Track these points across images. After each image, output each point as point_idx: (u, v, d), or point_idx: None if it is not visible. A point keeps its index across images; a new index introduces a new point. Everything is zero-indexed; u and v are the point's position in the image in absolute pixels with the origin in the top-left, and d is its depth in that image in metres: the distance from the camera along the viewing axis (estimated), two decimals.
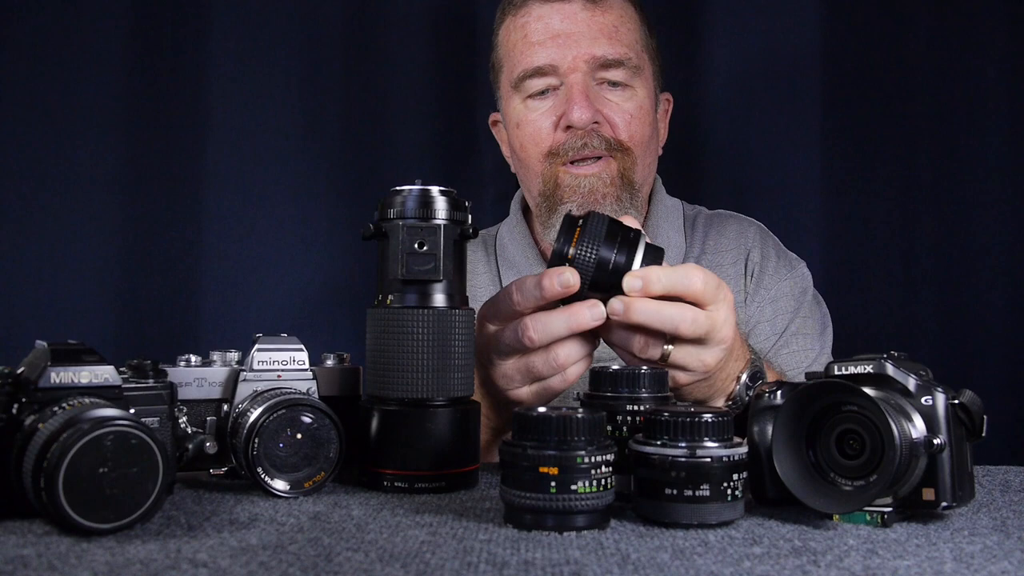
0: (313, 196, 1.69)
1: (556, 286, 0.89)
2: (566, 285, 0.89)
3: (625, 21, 1.34)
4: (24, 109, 1.60)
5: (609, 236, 0.90)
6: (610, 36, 1.31)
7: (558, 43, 1.31)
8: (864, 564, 0.63)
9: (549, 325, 0.91)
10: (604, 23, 1.32)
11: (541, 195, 1.34)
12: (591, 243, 0.89)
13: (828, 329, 1.41)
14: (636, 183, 1.33)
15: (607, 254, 0.89)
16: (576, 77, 1.30)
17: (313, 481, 0.82)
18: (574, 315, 0.90)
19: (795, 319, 1.37)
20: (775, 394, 0.80)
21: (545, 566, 0.61)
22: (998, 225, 1.72)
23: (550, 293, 0.90)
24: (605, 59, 1.31)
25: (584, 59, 1.30)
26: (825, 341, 1.39)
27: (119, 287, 1.62)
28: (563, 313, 0.91)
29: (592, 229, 0.90)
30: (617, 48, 1.31)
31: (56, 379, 0.71)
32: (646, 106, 1.35)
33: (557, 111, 1.31)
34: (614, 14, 1.33)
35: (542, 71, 1.32)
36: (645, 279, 0.89)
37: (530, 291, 0.91)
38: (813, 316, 1.39)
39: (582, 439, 0.69)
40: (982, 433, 0.76)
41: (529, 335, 0.91)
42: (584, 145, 1.29)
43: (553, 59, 1.31)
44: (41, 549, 0.63)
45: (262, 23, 1.68)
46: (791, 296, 1.39)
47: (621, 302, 0.89)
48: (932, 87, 1.73)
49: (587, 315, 0.90)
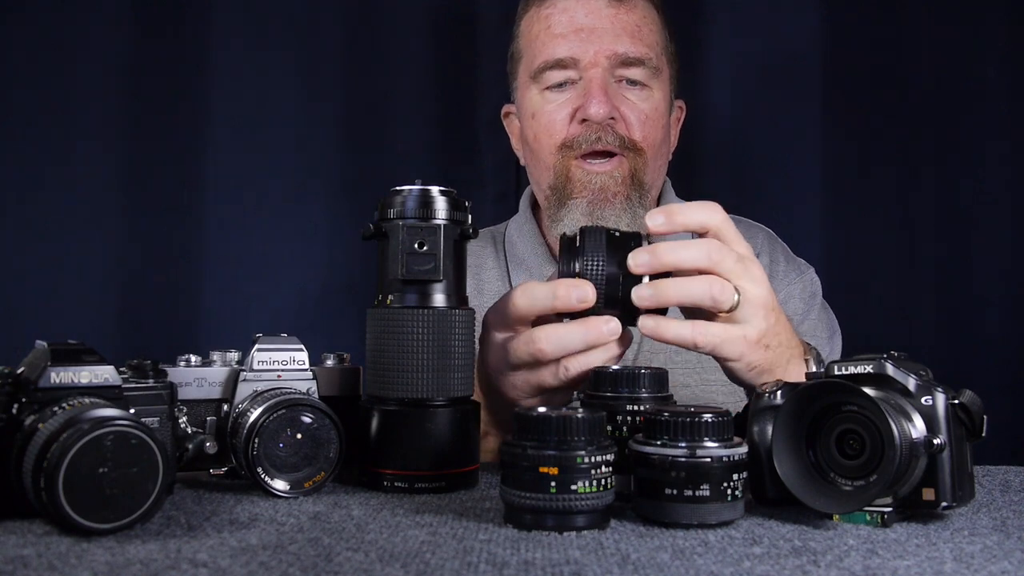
0: (313, 196, 1.69)
1: (573, 300, 0.87)
2: (583, 300, 0.87)
3: (648, 22, 1.35)
4: (24, 109, 1.60)
5: (610, 248, 0.88)
6: (632, 35, 1.32)
7: (581, 37, 1.31)
8: (864, 564, 0.63)
9: (564, 339, 0.88)
10: (628, 21, 1.32)
11: (551, 188, 1.34)
12: (594, 258, 0.87)
13: (837, 335, 1.40)
14: (646, 184, 1.33)
15: (614, 269, 0.88)
16: (596, 72, 1.30)
17: (313, 481, 0.82)
18: (592, 330, 0.88)
19: (805, 321, 1.37)
20: (775, 394, 0.80)
21: (545, 566, 0.61)
22: (998, 225, 1.72)
23: (564, 304, 0.87)
24: (626, 57, 1.31)
25: (605, 55, 1.30)
26: (834, 346, 1.38)
27: (119, 287, 1.62)
28: (580, 327, 0.88)
29: (592, 243, 0.88)
30: (639, 47, 1.32)
31: (56, 379, 0.71)
32: (661, 108, 1.35)
33: (574, 103, 1.31)
34: (638, 13, 1.34)
35: (563, 63, 1.32)
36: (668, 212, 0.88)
37: (541, 298, 0.89)
38: (822, 321, 1.39)
39: (582, 439, 0.69)
40: (982, 433, 0.76)
41: (541, 347, 0.88)
42: (598, 139, 1.29)
43: (575, 52, 1.31)
44: (41, 549, 0.63)
45: (262, 23, 1.68)
46: (800, 299, 1.39)
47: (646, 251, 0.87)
48: (932, 87, 1.73)
49: (604, 331, 0.87)
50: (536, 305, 0.89)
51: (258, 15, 1.68)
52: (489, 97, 1.69)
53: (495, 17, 1.71)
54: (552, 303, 0.88)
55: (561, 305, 0.88)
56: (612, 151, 1.30)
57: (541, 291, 0.89)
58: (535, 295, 0.89)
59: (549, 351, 0.89)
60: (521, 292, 0.91)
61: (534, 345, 0.89)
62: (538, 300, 0.89)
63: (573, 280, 0.88)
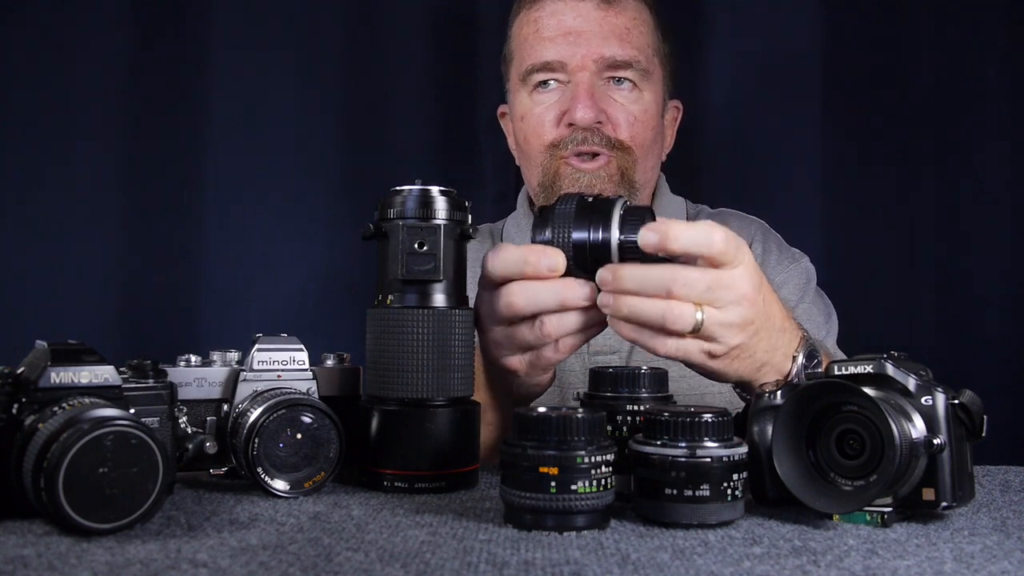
0: (313, 196, 1.69)
1: (542, 267, 0.86)
2: (553, 268, 0.86)
3: (638, 24, 1.35)
4: (24, 109, 1.60)
5: (580, 215, 0.86)
6: (621, 37, 1.32)
7: (569, 40, 1.31)
8: (864, 564, 0.63)
9: (537, 296, 0.87)
10: (616, 24, 1.32)
11: (540, 186, 1.35)
12: (562, 226, 0.86)
13: (833, 317, 1.40)
14: (636, 182, 1.34)
15: (581, 235, 0.86)
16: (583, 76, 1.31)
17: (313, 481, 0.82)
18: (565, 288, 0.87)
19: (799, 305, 1.37)
20: (775, 394, 0.80)
21: (545, 566, 0.61)
22: (998, 225, 1.72)
23: (534, 270, 0.87)
24: (614, 60, 1.31)
25: (593, 58, 1.31)
26: (831, 328, 1.38)
27: (119, 287, 1.62)
28: (553, 284, 0.87)
29: (562, 211, 0.87)
30: (627, 50, 1.32)
31: (56, 379, 0.71)
32: (652, 110, 1.35)
33: (561, 106, 1.32)
34: (627, 15, 1.34)
35: (550, 67, 1.33)
36: (663, 233, 0.82)
37: (512, 261, 0.88)
38: (816, 305, 1.39)
39: (582, 439, 0.69)
40: (982, 433, 0.76)
41: (513, 299, 0.88)
42: (584, 140, 1.30)
43: (562, 56, 1.31)
44: (41, 549, 0.63)
45: (262, 23, 1.68)
46: (795, 285, 1.39)
47: (609, 271, 0.84)
48: (932, 87, 1.73)
49: (578, 292, 0.86)
50: (508, 267, 0.88)
51: (258, 15, 1.68)
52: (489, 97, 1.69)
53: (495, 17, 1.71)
54: (523, 268, 0.87)
55: (531, 271, 0.87)
56: (599, 152, 1.31)
57: (512, 255, 0.88)
58: (506, 258, 0.89)
59: (521, 304, 0.88)
60: (493, 254, 0.90)
61: (508, 298, 0.88)
62: (508, 263, 0.88)
63: (544, 247, 0.87)
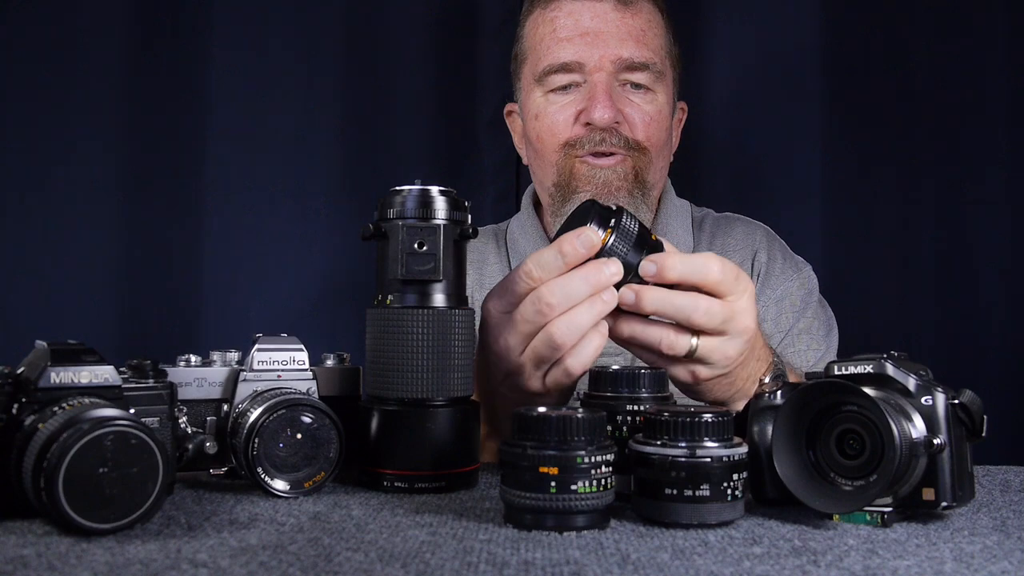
0: (313, 196, 1.69)
1: (579, 247, 0.86)
2: (589, 245, 0.86)
3: (653, 26, 1.35)
4: (24, 109, 1.60)
5: (639, 240, 0.89)
6: (638, 39, 1.32)
7: (586, 41, 1.31)
8: (864, 564, 0.63)
9: (567, 287, 0.86)
10: (633, 25, 1.32)
11: (555, 185, 1.35)
12: (623, 242, 0.88)
13: (834, 331, 1.41)
14: (649, 183, 1.34)
15: (635, 259, 0.88)
16: (601, 76, 1.30)
17: (313, 481, 0.82)
18: (592, 272, 0.86)
19: (801, 318, 1.38)
20: (775, 394, 0.80)
21: (545, 566, 0.61)
22: (998, 225, 1.72)
23: (573, 257, 0.86)
24: (631, 61, 1.31)
25: (610, 59, 1.30)
26: (831, 343, 1.39)
27: (119, 287, 1.62)
28: (579, 272, 0.87)
29: (626, 228, 0.88)
30: (643, 52, 1.32)
31: (56, 379, 0.71)
32: (665, 111, 1.36)
33: (578, 106, 1.32)
34: (643, 17, 1.34)
35: (568, 67, 1.32)
36: (660, 264, 0.87)
37: (551, 261, 0.88)
38: (819, 318, 1.40)
39: (582, 439, 0.69)
40: (982, 433, 0.76)
41: (548, 300, 0.87)
42: (602, 140, 1.30)
43: (580, 56, 1.31)
44: (41, 549, 0.63)
45: (262, 23, 1.68)
46: (797, 296, 1.40)
47: (632, 291, 0.87)
48: (932, 87, 1.73)
49: (604, 272, 0.86)
50: (548, 270, 0.88)
51: (258, 15, 1.68)
52: (489, 97, 1.70)
53: (495, 17, 1.72)
54: (563, 261, 0.87)
55: (571, 260, 0.87)
56: (615, 152, 1.31)
57: (548, 255, 0.88)
58: (544, 260, 0.88)
59: (555, 302, 0.87)
60: (531, 262, 0.89)
61: (541, 301, 0.88)
62: (548, 264, 0.88)
63: (576, 230, 0.87)
